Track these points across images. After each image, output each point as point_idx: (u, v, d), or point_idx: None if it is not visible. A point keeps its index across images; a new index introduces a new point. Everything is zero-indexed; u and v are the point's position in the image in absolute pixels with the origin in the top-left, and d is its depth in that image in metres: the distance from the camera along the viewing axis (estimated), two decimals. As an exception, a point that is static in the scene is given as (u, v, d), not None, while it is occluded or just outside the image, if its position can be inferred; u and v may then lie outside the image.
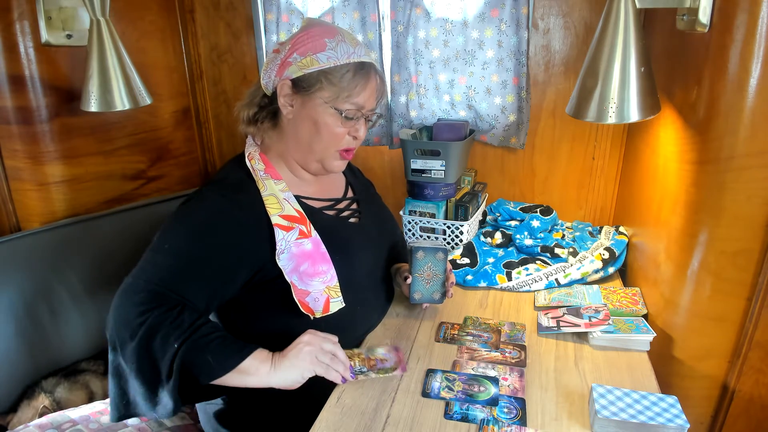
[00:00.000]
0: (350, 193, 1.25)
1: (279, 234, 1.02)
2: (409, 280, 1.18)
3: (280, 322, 1.09)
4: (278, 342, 0.99)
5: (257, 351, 0.94)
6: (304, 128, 1.07)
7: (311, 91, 1.04)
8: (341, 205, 1.19)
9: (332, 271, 1.05)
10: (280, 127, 1.11)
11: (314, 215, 1.09)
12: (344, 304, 1.06)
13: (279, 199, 1.05)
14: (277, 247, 1.01)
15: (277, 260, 1.02)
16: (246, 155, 1.10)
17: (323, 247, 1.05)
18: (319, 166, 1.12)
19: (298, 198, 1.09)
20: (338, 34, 1.05)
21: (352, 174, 1.32)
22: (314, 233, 1.05)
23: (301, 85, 1.04)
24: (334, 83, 1.03)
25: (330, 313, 1.05)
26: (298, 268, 1.02)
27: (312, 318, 1.04)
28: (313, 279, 1.03)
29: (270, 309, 1.08)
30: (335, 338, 1.01)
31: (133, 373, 0.90)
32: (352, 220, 1.19)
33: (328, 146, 1.08)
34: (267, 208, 1.03)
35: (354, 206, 1.22)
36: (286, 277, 1.02)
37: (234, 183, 1.07)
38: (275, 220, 1.02)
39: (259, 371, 0.93)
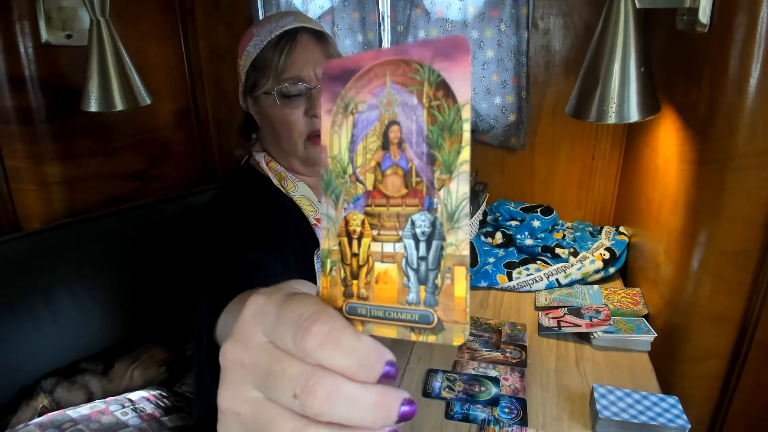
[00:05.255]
0: None
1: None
2: None
3: None
4: None
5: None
6: (267, 129, 1.01)
7: (255, 92, 0.97)
8: None
9: None
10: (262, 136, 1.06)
11: None
12: None
13: (312, 201, 0.99)
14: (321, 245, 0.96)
15: (315, 259, 0.97)
16: (263, 158, 1.03)
17: None
18: (299, 162, 1.04)
19: None
20: (267, 19, 0.95)
21: None
22: None
23: (246, 88, 0.98)
24: (262, 68, 0.93)
25: None
26: None
27: None
28: None
29: None
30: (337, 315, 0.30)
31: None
32: None
33: (290, 137, 0.98)
34: (302, 208, 0.98)
35: None
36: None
37: (247, 188, 1.01)
38: (313, 220, 0.98)
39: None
